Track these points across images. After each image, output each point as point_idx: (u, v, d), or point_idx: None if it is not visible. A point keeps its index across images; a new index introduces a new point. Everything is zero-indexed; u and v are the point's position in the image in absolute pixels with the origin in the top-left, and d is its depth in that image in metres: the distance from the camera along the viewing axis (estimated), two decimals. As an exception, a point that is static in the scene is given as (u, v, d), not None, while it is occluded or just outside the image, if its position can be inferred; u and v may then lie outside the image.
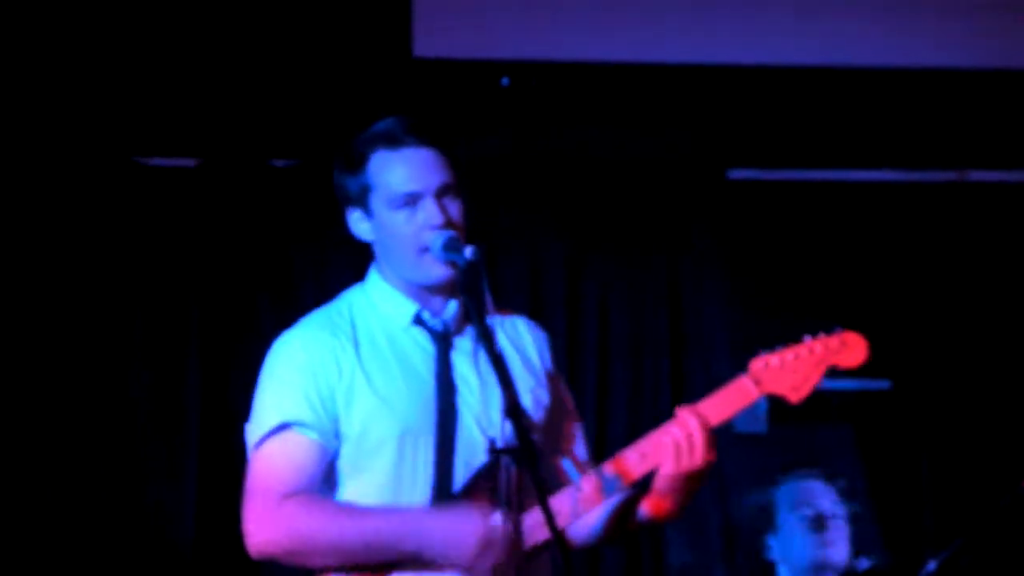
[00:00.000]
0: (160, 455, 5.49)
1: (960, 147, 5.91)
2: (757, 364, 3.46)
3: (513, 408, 3.21)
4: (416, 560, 3.38)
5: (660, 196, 5.81)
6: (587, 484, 3.43)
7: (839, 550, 4.83)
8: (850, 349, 3.48)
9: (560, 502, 3.40)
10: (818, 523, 4.82)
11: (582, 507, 3.43)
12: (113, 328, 5.51)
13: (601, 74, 5.66)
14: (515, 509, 3.26)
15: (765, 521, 4.89)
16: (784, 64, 5.70)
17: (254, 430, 3.52)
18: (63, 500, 5.42)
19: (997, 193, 5.93)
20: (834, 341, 3.48)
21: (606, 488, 3.43)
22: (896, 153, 5.91)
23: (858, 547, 4.90)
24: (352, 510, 3.44)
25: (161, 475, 5.48)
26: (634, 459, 3.43)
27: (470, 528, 3.34)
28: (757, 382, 3.45)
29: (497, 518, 3.34)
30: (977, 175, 5.96)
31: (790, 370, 3.46)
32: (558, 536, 3.24)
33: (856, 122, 5.83)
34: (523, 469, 3.22)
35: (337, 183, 3.60)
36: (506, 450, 3.24)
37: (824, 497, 4.86)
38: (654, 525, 3.57)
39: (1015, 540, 5.08)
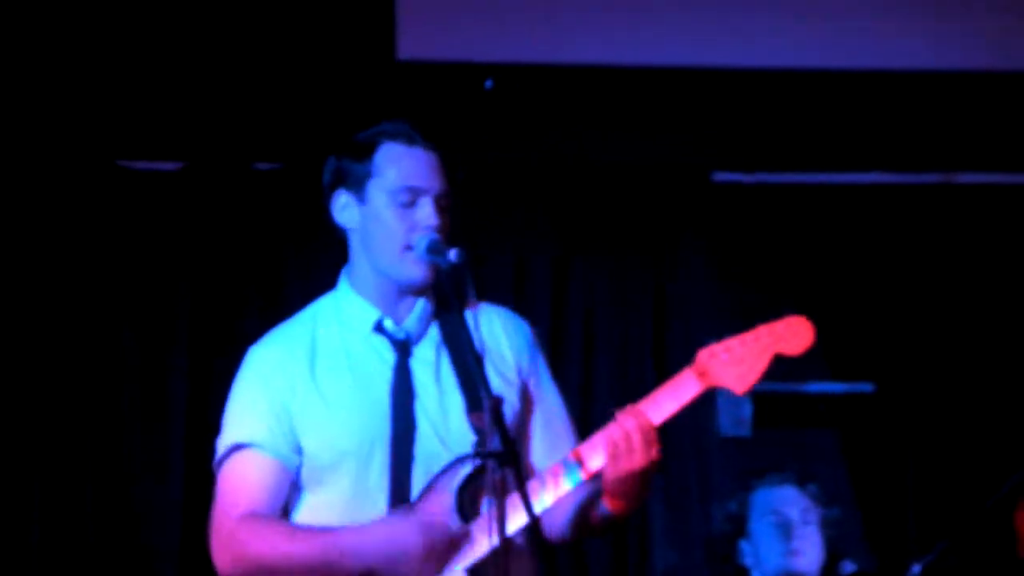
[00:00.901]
0: (146, 460, 5.48)
1: (946, 149, 5.91)
2: (703, 355, 3.43)
3: (496, 410, 3.20)
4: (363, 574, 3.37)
5: (645, 199, 5.80)
6: (551, 475, 3.42)
7: (808, 559, 4.80)
8: (795, 334, 3.45)
9: (529, 486, 3.38)
10: (785, 531, 4.80)
11: (549, 498, 3.40)
12: (98, 332, 5.49)
13: (586, 77, 5.65)
14: (501, 511, 3.25)
15: (738, 527, 4.88)
16: (769, 67, 5.70)
17: (217, 448, 3.57)
18: (49, 504, 5.41)
19: (983, 195, 5.93)
20: (779, 326, 3.45)
21: (569, 478, 3.41)
22: (882, 155, 5.91)
23: (841, 551, 4.89)
24: (299, 532, 3.46)
25: (147, 479, 5.47)
26: (587, 452, 3.42)
27: (410, 539, 3.35)
28: (701, 374, 3.43)
29: (441, 522, 3.35)
30: (963, 177, 5.96)
31: (736, 360, 3.42)
32: (540, 541, 3.25)
33: (841, 125, 5.83)
34: (507, 471, 3.21)
35: (332, 167, 3.61)
36: (492, 453, 3.22)
37: (794, 504, 4.83)
38: (613, 521, 3.53)
39: (999, 543, 5.07)
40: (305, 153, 5.54)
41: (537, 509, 3.36)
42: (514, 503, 3.27)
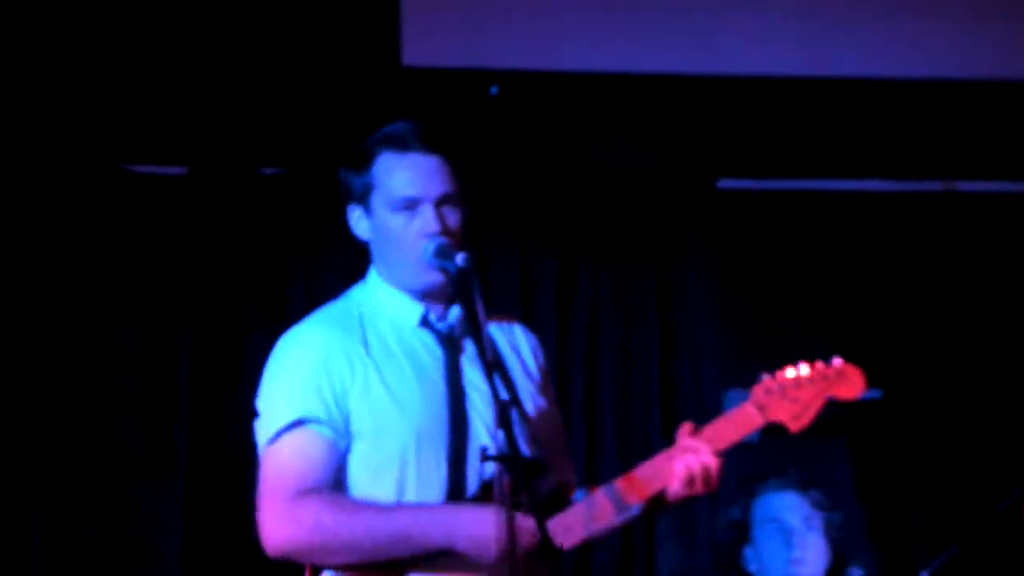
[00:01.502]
0: (148, 460, 5.47)
1: (948, 157, 5.92)
2: (759, 390, 3.55)
3: (504, 415, 3.21)
4: (443, 555, 3.36)
5: (650, 206, 5.80)
6: (599, 500, 3.46)
7: (810, 567, 4.79)
8: (848, 381, 3.61)
9: (573, 518, 3.43)
10: (786, 539, 4.79)
11: (595, 526, 3.45)
12: (102, 334, 5.49)
13: (591, 84, 5.66)
14: (509, 517, 3.24)
15: (742, 533, 4.87)
16: (773, 74, 5.71)
17: (266, 425, 3.50)
18: (50, 505, 5.40)
19: (985, 203, 5.94)
20: (831, 372, 3.60)
21: (617, 508, 3.46)
22: (884, 163, 5.92)
23: (847, 556, 4.88)
24: (378, 506, 3.42)
25: (150, 482, 5.46)
26: (645, 478, 3.48)
27: (496, 525, 3.30)
28: (761, 408, 3.55)
29: (521, 517, 3.31)
30: (965, 185, 5.97)
31: (791, 398, 3.56)
32: (549, 548, 3.26)
33: (845, 132, 5.84)
34: (514, 477, 3.21)
35: (342, 180, 3.61)
36: (497, 457, 3.23)
37: (795, 511, 4.82)
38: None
39: (1007, 549, 5.07)
40: (310, 158, 5.56)
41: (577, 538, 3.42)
42: (571, 522, 3.38)
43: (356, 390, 3.46)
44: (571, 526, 3.41)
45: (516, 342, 3.66)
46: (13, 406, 5.40)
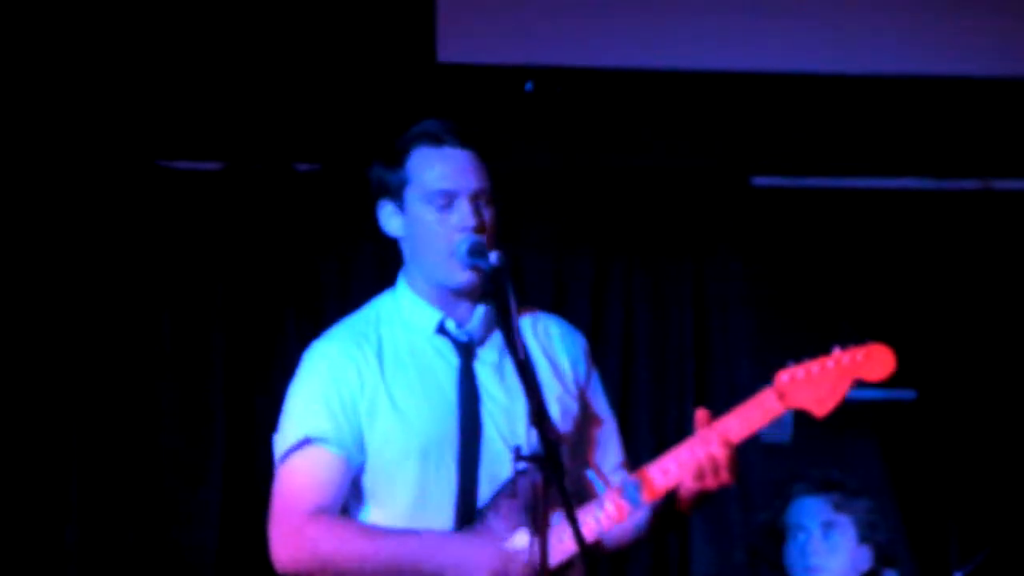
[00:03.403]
0: (185, 460, 5.48)
1: (985, 155, 5.89)
2: (782, 377, 3.44)
3: (538, 416, 3.20)
4: None
5: (684, 204, 5.79)
6: (610, 499, 3.44)
7: (829, 573, 4.76)
8: (876, 361, 3.47)
9: (583, 517, 3.40)
10: (802, 547, 4.77)
11: (606, 523, 3.44)
12: (137, 331, 5.50)
13: (626, 80, 5.65)
14: (540, 519, 3.24)
15: (774, 537, 4.85)
16: (809, 72, 5.69)
17: (280, 443, 3.54)
18: (86, 504, 5.42)
19: (1022, 201, 5.91)
20: (860, 353, 3.46)
21: (630, 502, 3.43)
22: (920, 161, 5.89)
23: (892, 556, 4.83)
24: (373, 532, 3.45)
25: (186, 483, 5.47)
26: (657, 474, 3.44)
27: (486, 554, 3.34)
28: (781, 395, 3.44)
29: (516, 545, 3.34)
30: (1002, 183, 5.94)
31: (815, 383, 3.44)
32: (585, 550, 3.24)
33: (880, 130, 5.82)
34: (547, 479, 3.21)
35: (374, 176, 3.61)
36: (531, 457, 3.22)
37: (813, 516, 4.77)
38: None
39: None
40: (345, 155, 5.56)
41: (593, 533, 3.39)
42: (583, 519, 3.33)
43: (365, 406, 3.48)
44: (582, 525, 3.36)
45: (550, 341, 3.64)
46: (50, 405, 5.42)
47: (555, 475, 3.19)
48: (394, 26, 5.53)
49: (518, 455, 3.26)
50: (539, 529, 3.19)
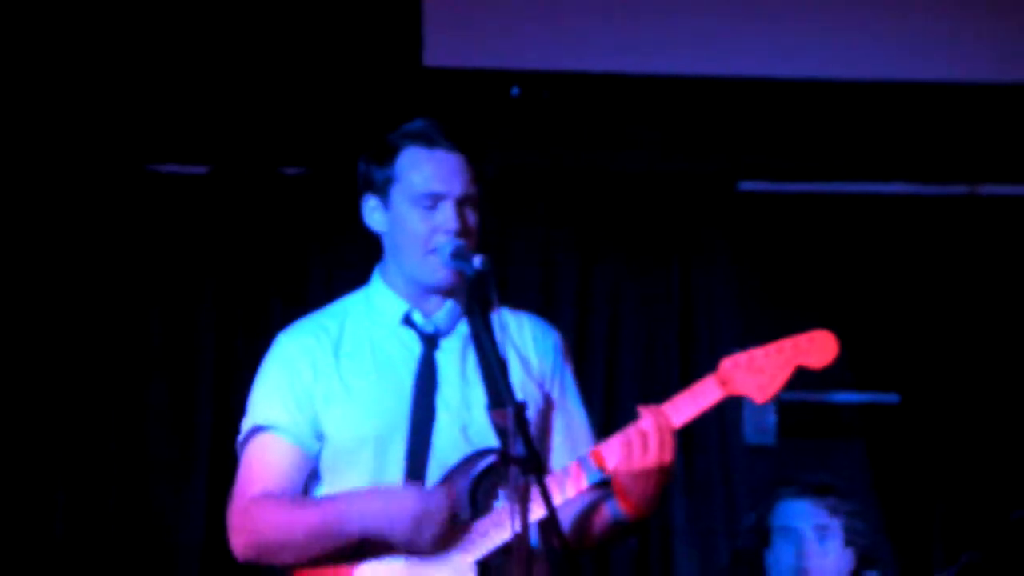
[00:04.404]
0: (170, 458, 5.50)
1: (972, 161, 5.90)
2: (726, 363, 3.47)
3: (519, 417, 3.20)
4: (365, 543, 3.39)
5: (671, 208, 5.80)
6: (571, 468, 3.45)
7: (822, 574, 4.77)
8: (819, 348, 3.47)
9: (548, 483, 3.38)
10: (796, 550, 4.77)
11: (569, 487, 3.43)
12: (125, 332, 5.52)
13: (613, 85, 5.65)
14: (524, 517, 3.24)
15: (761, 539, 4.86)
16: (795, 77, 5.69)
17: (240, 433, 3.60)
18: (72, 502, 5.43)
19: (1008, 207, 5.92)
20: (803, 340, 3.48)
21: (587, 473, 3.44)
22: (907, 166, 5.90)
23: (872, 559, 4.85)
24: (301, 503, 3.49)
25: (172, 481, 5.49)
26: (606, 452, 3.45)
27: (406, 504, 3.35)
28: (724, 382, 3.46)
29: (433, 492, 3.36)
30: (989, 189, 5.95)
31: (758, 369, 3.45)
32: (564, 543, 3.25)
33: (867, 135, 5.83)
34: (530, 477, 3.21)
35: (361, 171, 3.62)
36: (516, 459, 3.21)
37: (807, 519, 4.77)
38: (624, 525, 3.54)
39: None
40: (331, 158, 5.57)
41: (556, 502, 3.36)
42: (532, 502, 3.27)
43: (320, 394, 3.51)
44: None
45: (522, 335, 3.64)
46: (37, 405, 5.43)
47: (537, 473, 3.19)
48: (380, 30, 5.54)
49: (504, 457, 3.27)
50: (520, 525, 3.19)
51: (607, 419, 5.64)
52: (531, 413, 3.55)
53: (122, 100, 5.51)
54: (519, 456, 3.20)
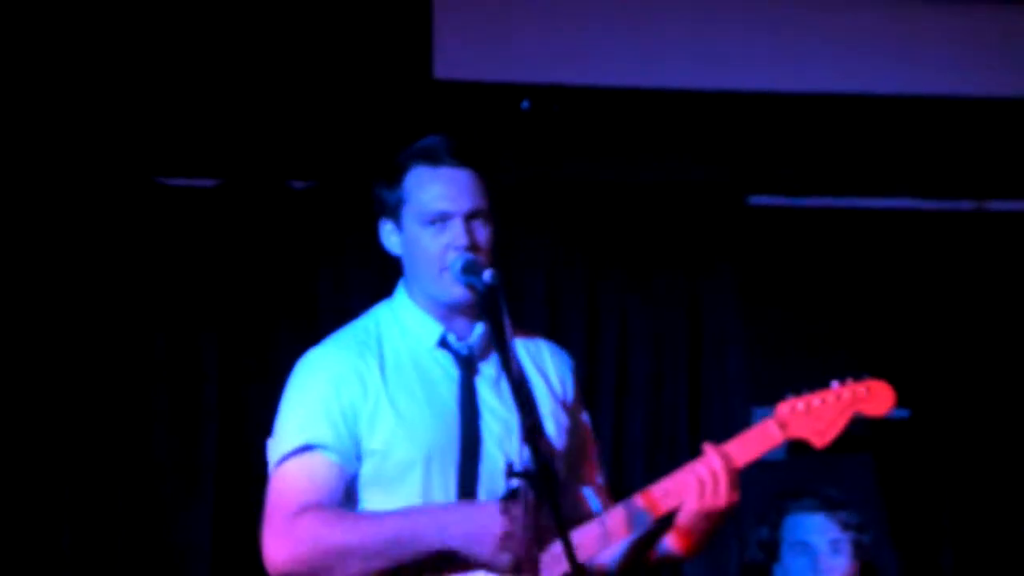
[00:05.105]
0: (177, 463, 5.49)
1: (979, 176, 5.91)
2: (783, 408, 3.53)
3: (531, 433, 3.20)
4: (440, 557, 3.34)
5: (680, 223, 5.80)
6: (614, 516, 3.44)
7: None
8: (876, 397, 3.57)
9: (586, 533, 3.41)
10: (812, 563, 4.76)
11: (609, 539, 3.44)
12: (133, 345, 5.52)
13: (622, 99, 5.66)
14: (533, 534, 3.24)
15: (771, 553, 4.85)
16: (805, 91, 5.70)
17: (276, 448, 3.51)
18: (79, 506, 5.43)
19: (1016, 223, 5.93)
20: (861, 388, 3.56)
21: (635, 522, 3.43)
22: (915, 181, 5.91)
23: (869, 574, 4.84)
24: (371, 515, 3.42)
25: (179, 487, 5.48)
26: (661, 494, 3.45)
27: (492, 522, 3.31)
28: (783, 426, 3.52)
29: (517, 512, 3.32)
30: (996, 204, 5.95)
31: (815, 415, 3.53)
32: (577, 567, 3.24)
33: (876, 150, 5.84)
34: (541, 495, 3.21)
35: (374, 194, 3.60)
36: (523, 474, 3.22)
37: (822, 533, 4.78)
38: (673, 560, 3.56)
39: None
40: (340, 172, 5.57)
41: (606, 551, 3.41)
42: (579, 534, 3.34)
43: (367, 413, 3.46)
44: (583, 542, 3.37)
45: (542, 360, 3.64)
46: (45, 412, 5.43)
47: (549, 491, 3.19)
48: (390, 42, 5.54)
49: (510, 471, 3.26)
50: (536, 546, 3.19)
51: (616, 436, 5.66)
52: (564, 436, 3.57)
53: (131, 112, 5.51)
54: (529, 471, 3.20)
